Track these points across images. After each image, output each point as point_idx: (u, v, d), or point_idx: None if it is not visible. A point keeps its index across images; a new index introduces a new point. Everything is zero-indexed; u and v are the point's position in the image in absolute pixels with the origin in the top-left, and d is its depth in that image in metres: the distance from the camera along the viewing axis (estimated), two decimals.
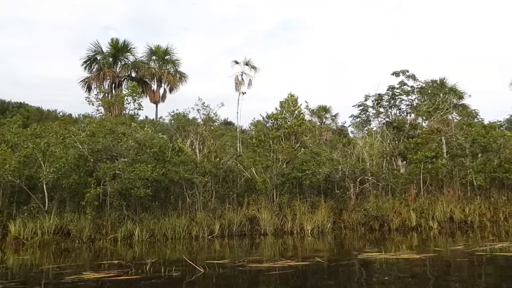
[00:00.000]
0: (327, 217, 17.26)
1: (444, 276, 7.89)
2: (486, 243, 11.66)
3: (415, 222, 17.17)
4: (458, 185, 18.21)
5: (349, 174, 17.96)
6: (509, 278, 7.42)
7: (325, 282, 7.67)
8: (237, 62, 22.75)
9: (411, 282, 7.51)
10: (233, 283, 7.97)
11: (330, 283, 7.61)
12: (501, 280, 7.37)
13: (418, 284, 7.36)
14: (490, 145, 17.36)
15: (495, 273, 7.95)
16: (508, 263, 8.71)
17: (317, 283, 7.63)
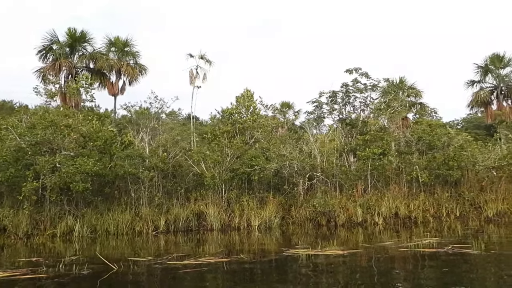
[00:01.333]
0: (275, 212, 17.29)
1: (348, 272, 7.95)
2: (417, 239, 11.88)
3: (361, 217, 17.40)
4: (404, 182, 18.55)
5: (298, 170, 18.01)
6: (410, 274, 7.49)
7: (227, 280, 7.61)
8: (191, 56, 22.41)
9: (311, 276, 7.63)
10: (136, 281, 7.72)
11: (233, 280, 7.58)
12: (399, 277, 7.43)
13: (317, 277, 7.51)
14: (435, 143, 17.77)
15: (400, 269, 7.98)
16: (420, 259, 8.80)
17: (217, 281, 7.54)
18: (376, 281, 6.99)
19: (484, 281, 6.89)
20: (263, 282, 7.42)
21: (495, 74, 32.83)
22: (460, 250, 8.97)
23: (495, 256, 8.49)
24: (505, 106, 31.95)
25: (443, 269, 7.80)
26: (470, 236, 13.16)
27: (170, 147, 18.17)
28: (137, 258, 9.68)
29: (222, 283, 7.47)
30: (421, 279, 7.18)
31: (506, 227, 16.02)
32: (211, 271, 8.19)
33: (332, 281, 7.22)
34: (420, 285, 6.81)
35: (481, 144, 21.14)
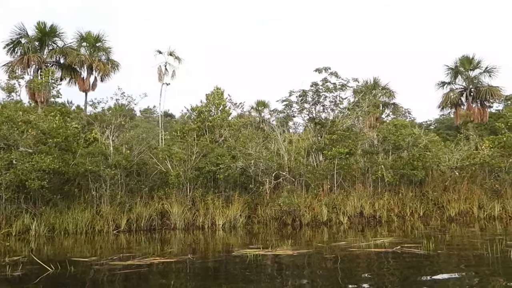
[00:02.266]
0: (240, 211, 17.16)
1: (282, 271, 7.89)
2: (373, 238, 11.90)
3: (326, 217, 17.43)
4: (370, 181, 18.68)
5: (264, 169, 17.92)
6: (342, 274, 7.44)
7: (155, 281, 7.45)
8: (160, 52, 22.07)
9: (242, 276, 7.58)
10: (65, 283, 7.42)
11: (163, 281, 7.44)
12: (327, 276, 7.41)
13: (247, 277, 7.49)
14: (399, 143, 17.93)
15: (334, 269, 7.89)
16: (364, 259, 8.78)
17: (146, 283, 7.36)
18: (299, 282, 6.99)
19: (402, 280, 6.92)
20: (191, 283, 7.31)
21: (464, 76, 33.46)
22: (408, 250, 9.00)
23: (438, 256, 8.50)
24: (474, 107, 32.59)
25: (382, 269, 7.76)
26: (427, 235, 13.27)
27: (135, 145, 17.83)
28: (80, 258, 9.38)
29: (146, 285, 7.28)
30: (349, 278, 7.18)
31: (466, 226, 16.26)
32: (148, 272, 7.96)
33: (261, 278, 7.19)
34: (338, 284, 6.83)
35: (448, 144, 21.46)
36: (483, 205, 18.26)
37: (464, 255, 8.74)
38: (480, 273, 7.20)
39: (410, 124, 23.11)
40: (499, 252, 8.11)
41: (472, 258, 8.44)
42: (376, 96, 26.45)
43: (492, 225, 16.68)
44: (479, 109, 32.37)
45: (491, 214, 18.08)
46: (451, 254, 8.88)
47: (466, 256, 8.69)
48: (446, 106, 34.13)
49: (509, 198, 18.32)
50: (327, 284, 6.87)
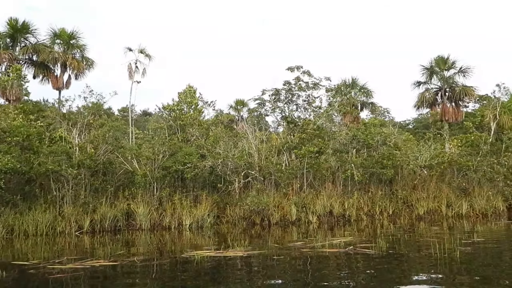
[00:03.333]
0: (209, 211, 16.93)
1: (215, 273, 7.72)
2: (332, 238, 11.81)
3: (295, 216, 17.32)
4: (340, 180, 18.63)
5: (233, 168, 17.73)
6: (278, 275, 7.30)
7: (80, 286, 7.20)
8: (130, 50, 21.70)
9: (177, 279, 7.41)
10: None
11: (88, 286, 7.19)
12: (262, 277, 7.27)
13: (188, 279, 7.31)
14: (368, 141, 17.92)
15: (272, 270, 7.76)
16: (311, 260, 8.64)
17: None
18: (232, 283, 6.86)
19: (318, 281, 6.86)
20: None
21: (439, 75, 33.71)
22: (360, 251, 8.90)
23: (386, 257, 8.39)
24: (449, 106, 32.87)
25: (319, 270, 7.61)
26: (387, 235, 13.31)
27: (101, 144, 17.44)
28: (21, 262, 9.03)
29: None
30: (282, 278, 7.07)
31: (434, 224, 16.33)
32: (79, 276, 7.63)
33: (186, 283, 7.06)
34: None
35: (422, 143, 21.57)
36: (451, 203, 18.39)
37: (412, 255, 8.68)
38: (409, 274, 7.15)
39: (381, 123, 23.15)
40: (447, 252, 8.06)
41: (417, 258, 8.36)
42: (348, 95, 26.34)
43: (460, 223, 16.80)
44: (454, 109, 32.64)
45: (459, 212, 18.24)
46: (400, 254, 8.79)
47: (413, 256, 8.63)
48: (421, 106, 34.34)
49: (476, 197, 18.49)
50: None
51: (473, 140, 18.80)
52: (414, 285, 6.40)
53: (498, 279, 6.53)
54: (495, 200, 18.50)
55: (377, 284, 6.52)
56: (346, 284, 6.47)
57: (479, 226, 15.52)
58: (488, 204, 18.36)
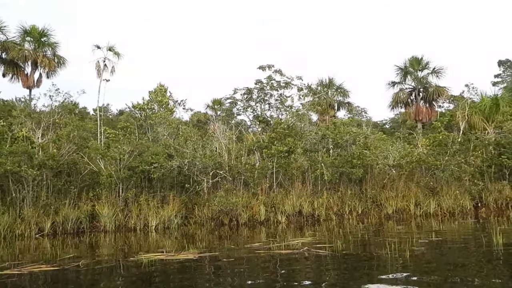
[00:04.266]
0: (176, 212, 16.65)
1: (146, 278, 7.48)
2: (293, 239, 11.67)
3: (264, 216, 17.18)
4: (310, 180, 18.57)
5: (202, 168, 17.48)
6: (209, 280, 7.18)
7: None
8: (98, 47, 21.20)
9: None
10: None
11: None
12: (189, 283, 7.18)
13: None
14: (337, 141, 17.90)
15: (208, 274, 7.59)
16: (260, 262, 8.45)
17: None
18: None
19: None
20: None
21: (413, 76, 34.15)
22: (315, 251, 8.77)
23: (338, 257, 8.23)
24: (422, 106, 33.31)
25: (265, 274, 7.43)
26: (347, 235, 13.25)
27: (65, 143, 16.97)
28: None
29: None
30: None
31: (399, 224, 16.37)
32: (9, 284, 7.29)
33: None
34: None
35: (391, 143, 21.69)
36: (419, 202, 18.50)
37: (364, 256, 8.57)
38: (352, 275, 7.07)
39: (357, 123, 23.22)
40: (397, 252, 7.99)
41: (367, 259, 8.23)
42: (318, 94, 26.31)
43: (428, 222, 16.89)
44: (427, 109, 33.11)
45: (427, 211, 18.33)
46: (352, 255, 8.65)
47: (364, 257, 8.51)
48: (396, 106, 34.76)
49: (444, 196, 18.64)
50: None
51: (441, 139, 18.95)
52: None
53: (434, 277, 6.54)
54: (462, 199, 18.67)
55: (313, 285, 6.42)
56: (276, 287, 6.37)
57: (444, 225, 15.56)
58: (456, 203, 18.52)
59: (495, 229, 13.31)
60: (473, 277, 6.59)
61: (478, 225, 15.05)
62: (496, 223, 15.15)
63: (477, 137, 20.15)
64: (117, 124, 25.11)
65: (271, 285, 6.60)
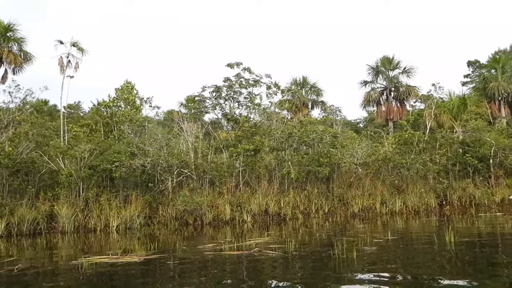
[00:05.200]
0: (138, 212, 16.27)
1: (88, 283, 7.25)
2: (250, 239, 11.49)
3: (230, 215, 16.96)
4: (277, 178, 18.44)
5: (167, 167, 17.14)
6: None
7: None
8: (61, 42, 20.54)
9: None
10: None
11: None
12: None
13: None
14: (303, 139, 17.82)
15: (160, 277, 7.29)
16: (211, 262, 8.30)
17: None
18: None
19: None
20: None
21: (385, 75, 34.47)
22: (265, 253, 8.58)
23: (286, 258, 8.06)
24: (393, 106, 33.65)
25: (208, 276, 7.20)
26: (304, 234, 13.19)
27: (23, 141, 16.37)
28: None
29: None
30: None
31: (366, 222, 16.40)
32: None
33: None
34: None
35: (358, 141, 21.75)
36: (385, 200, 18.60)
37: (313, 256, 8.41)
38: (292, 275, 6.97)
39: (316, 121, 23.20)
40: (345, 252, 7.88)
41: (313, 259, 8.10)
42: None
43: (393, 220, 16.97)
44: (398, 108, 33.47)
45: (392, 209, 18.45)
46: (302, 256, 8.48)
47: (312, 257, 8.37)
48: (368, 105, 35.04)
49: (409, 194, 18.79)
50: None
51: (406, 138, 19.10)
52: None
53: (371, 276, 6.51)
54: (427, 197, 18.86)
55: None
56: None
57: (407, 224, 15.58)
58: (421, 201, 18.70)
59: (453, 227, 13.49)
60: (414, 276, 6.55)
61: (438, 223, 15.18)
62: (454, 222, 15.34)
63: (443, 136, 20.39)
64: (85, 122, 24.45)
65: (198, 286, 6.38)
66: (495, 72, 34.24)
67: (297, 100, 39.37)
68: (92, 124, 19.56)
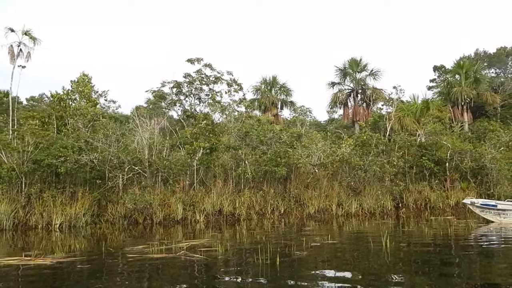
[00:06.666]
0: (85, 209, 15.59)
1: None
2: (187, 241, 11.04)
3: (182, 215, 16.47)
4: (233, 178, 18.06)
5: (117, 163, 16.49)
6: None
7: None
8: (12, 30, 19.53)
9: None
10: None
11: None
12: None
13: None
14: (260, 138, 17.49)
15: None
16: (128, 266, 7.85)
17: None
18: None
19: None
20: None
21: (352, 77, 34.59)
22: (191, 256, 8.15)
23: (207, 263, 7.71)
24: (360, 107, 33.80)
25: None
26: (249, 236, 12.85)
27: None
28: None
29: None
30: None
31: (320, 223, 16.20)
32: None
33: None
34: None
35: (316, 142, 21.55)
36: (342, 202, 18.48)
37: (236, 261, 8.00)
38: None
39: (271, 120, 22.91)
40: (269, 259, 7.53)
41: (235, 265, 7.78)
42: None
43: (349, 222, 16.81)
44: (365, 110, 33.63)
45: (348, 211, 18.35)
46: (226, 261, 8.07)
47: (235, 262, 7.96)
48: (335, 106, 35.09)
49: (366, 196, 18.74)
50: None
51: (365, 140, 19.04)
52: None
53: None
54: (383, 200, 18.86)
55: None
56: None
57: (357, 226, 15.43)
58: (377, 203, 18.69)
59: (397, 231, 13.38)
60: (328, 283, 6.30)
61: (386, 226, 15.02)
62: (405, 225, 15.31)
63: (401, 138, 20.45)
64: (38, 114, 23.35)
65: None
66: (459, 77, 34.86)
67: (266, 99, 39.13)
68: (45, 117, 18.65)
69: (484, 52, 41.77)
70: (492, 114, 35.94)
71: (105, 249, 9.52)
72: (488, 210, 15.47)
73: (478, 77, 34.38)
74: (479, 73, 34.97)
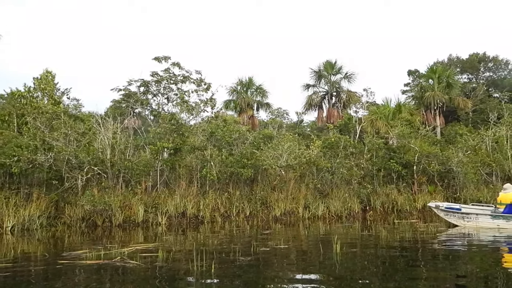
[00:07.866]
0: (41, 211, 14.97)
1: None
2: (133, 245, 10.59)
3: (143, 217, 16.00)
4: (198, 179, 17.67)
5: (76, 164, 15.92)
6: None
7: None
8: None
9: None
10: None
11: None
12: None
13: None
14: (225, 139, 17.17)
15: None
16: (54, 273, 7.46)
17: None
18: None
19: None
20: None
21: (327, 79, 34.61)
22: (127, 262, 7.73)
23: (138, 269, 7.29)
24: (334, 110, 33.82)
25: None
26: (204, 239, 12.51)
27: None
28: None
29: None
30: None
31: (286, 226, 15.96)
32: None
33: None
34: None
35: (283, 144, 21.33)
36: (308, 204, 18.27)
37: (171, 268, 7.55)
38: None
39: (238, 120, 22.63)
40: (205, 265, 7.19)
41: (169, 272, 7.40)
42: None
43: (315, 225, 16.59)
44: (339, 113, 33.65)
45: (315, 214, 18.16)
46: (161, 268, 7.59)
47: (168, 269, 7.59)
48: (309, 108, 35.02)
49: (333, 198, 18.58)
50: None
51: (332, 142, 18.91)
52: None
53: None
54: (350, 202, 18.73)
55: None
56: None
57: (320, 229, 15.21)
58: (344, 206, 18.55)
59: (353, 234, 13.18)
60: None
61: (347, 230, 14.82)
62: (369, 229, 15.16)
63: (370, 141, 20.41)
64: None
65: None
66: (432, 82, 35.24)
67: (242, 101, 38.82)
68: (5, 115, 17.92)
69: (457, 57, 42.44)
70: (463, 119, 36.46)
71: (40, 254, 9.01)
72: (452, 214, 15.46)
73: (450, 82, 34.82)
74: (451, 78, 35.43)
